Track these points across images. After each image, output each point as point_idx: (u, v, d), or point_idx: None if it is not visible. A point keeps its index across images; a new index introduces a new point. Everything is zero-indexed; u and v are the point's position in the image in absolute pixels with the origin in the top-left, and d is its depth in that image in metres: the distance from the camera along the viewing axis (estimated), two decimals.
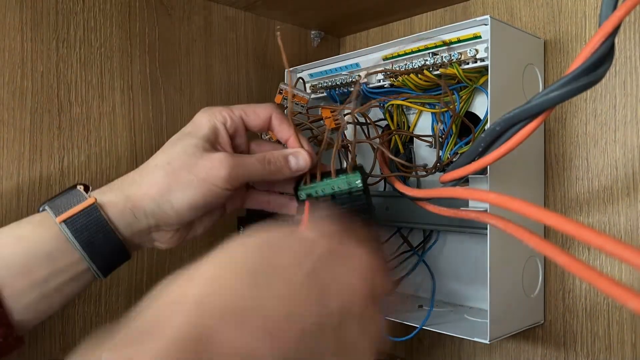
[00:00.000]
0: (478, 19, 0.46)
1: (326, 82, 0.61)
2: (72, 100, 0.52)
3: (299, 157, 0.41)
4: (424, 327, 0.49)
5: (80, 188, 0.39)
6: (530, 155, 0.51)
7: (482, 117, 0.50)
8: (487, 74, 0.45)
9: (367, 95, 0.56)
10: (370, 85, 0.55)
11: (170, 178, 0.38)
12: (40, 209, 0.39)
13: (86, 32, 0.53)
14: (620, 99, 0.48)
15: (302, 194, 0.42)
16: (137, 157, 0.56)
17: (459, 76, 0.48)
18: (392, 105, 0.56)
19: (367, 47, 0.56)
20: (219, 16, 0.64)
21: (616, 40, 0.48)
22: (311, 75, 0.63)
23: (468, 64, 0.47)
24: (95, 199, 0.38)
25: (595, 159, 0.50)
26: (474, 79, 0.49)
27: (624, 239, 0.48)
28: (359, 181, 0.40)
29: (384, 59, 0.54)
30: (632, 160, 0.47)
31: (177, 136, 0.40)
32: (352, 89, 0.58)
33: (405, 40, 0.52)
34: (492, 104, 0.44)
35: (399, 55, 0.52)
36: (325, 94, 0.61)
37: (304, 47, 0.73)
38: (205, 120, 0.40)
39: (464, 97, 0.51)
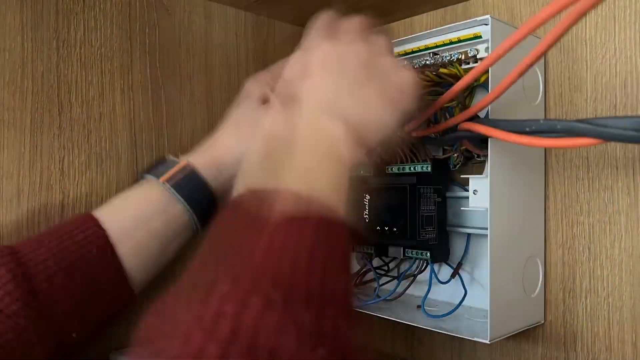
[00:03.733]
0: (478, 18, 0.46)
1: None
2: (72, 100, 0.52)
3: None
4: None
5: (170, 157, 0.52)
6: (531, 155, 0.51)
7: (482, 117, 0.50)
8: (488, 73, 0.45)
9: None
10: None
11: (240, 133, 0.52)
12: (143, 177, 0.51)
13: (86, 32, 0.53)
14: (621, 99, 0.48)
15: None
16: (137, 157, 0.56)
17: (460, 76, 0.48)
18: None
19: None
20: (219, 16, 0.64)
21: (616, 40, 0.48)
22: None
23: (469, 63, 0.47)
24: (187, 161, 0.50)
25: (595, 159, 0.50)
26: None
27: (624, 239, 0.48)
28: None
29: None
30: (632, 160, 0.47)
31: (235, 105, 0.55)
32: None
33: (405, 40, 0.52)
34: (492, 103, 0.44)
35: (399, 55, 0.52)
36: None
37: None
38: (253, 87, 0.54)
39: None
